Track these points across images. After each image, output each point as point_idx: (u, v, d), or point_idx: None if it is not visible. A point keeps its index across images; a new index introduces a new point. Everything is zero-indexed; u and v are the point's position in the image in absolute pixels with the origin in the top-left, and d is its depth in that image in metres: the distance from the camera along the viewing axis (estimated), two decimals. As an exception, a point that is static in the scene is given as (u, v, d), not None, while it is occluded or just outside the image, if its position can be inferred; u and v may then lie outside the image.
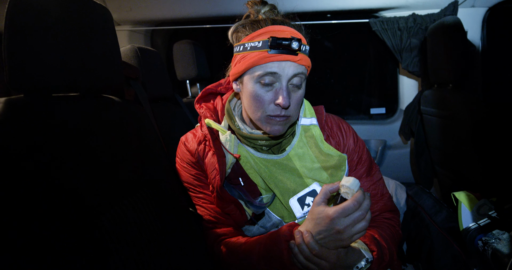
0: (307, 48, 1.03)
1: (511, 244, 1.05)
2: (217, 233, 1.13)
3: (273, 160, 1.13)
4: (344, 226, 0.89)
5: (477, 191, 1.44)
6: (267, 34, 1.01)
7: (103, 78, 0.85)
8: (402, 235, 1.22)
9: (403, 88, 2.51)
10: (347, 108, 3.07)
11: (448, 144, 1.83)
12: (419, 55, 2.19)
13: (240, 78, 1.07)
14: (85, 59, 0.79)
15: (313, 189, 1.14)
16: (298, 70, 1.00)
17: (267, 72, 0.99)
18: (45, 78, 0.72)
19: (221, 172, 1.09)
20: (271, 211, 1.14)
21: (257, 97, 1.03)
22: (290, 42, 0.97)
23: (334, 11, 2.32)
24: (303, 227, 0.97)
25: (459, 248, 1.29)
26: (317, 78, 3.09)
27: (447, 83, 1.72)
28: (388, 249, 1.06)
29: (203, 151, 1.14)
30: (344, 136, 1.22)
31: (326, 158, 1.14)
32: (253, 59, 1.01)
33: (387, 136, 2.60)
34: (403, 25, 2.14)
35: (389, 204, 1.23)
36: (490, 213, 1.23)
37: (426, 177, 2.32)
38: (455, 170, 1.86)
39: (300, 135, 1.15)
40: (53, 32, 0.73)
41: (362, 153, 1.23)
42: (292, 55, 0.98)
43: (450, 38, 1.65)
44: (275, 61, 0.99)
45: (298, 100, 1.04)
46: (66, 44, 0.75)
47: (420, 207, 1.63)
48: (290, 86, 1.02)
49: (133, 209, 0.88)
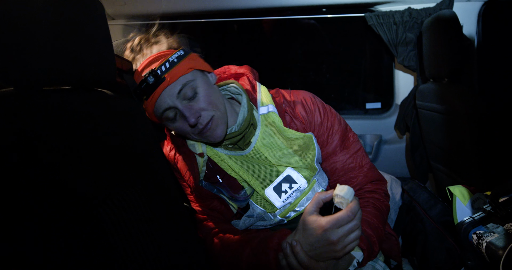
0: (174, 58, 1.03)
1: (506, 237, 1.06)
2: (209, 227, 1.14)
3: (241, 156, 1.13)
4: (338, 237, 0.87)
5: (472, 185, 1.44)
6: (138, 78, 1.05)
7: (95, 72, 0.84)
8: (389, 206, 1.20)
9: (399, 82, 2.51)
10: (342, 103, 3.07)
11: (444, 139, 1.83)
12: (414, 49, 2.19)
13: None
14: (77, 52, 0.78)
15: (287, 174, 1.14)
16: (176, 89, 1.01)
17: (159, 112, 1.04)
18: (35, 71, 0.71)
19: (193, 173, 1.12)
20: (254, 202, 1.15)
21: (176, 131, 1.10)
22: (144, 82, 0.99)
23: (329, 5, 2.31)
24: (291, 237, 0.95)
25: (454, 242, 1.29)
26: (312, 73, 3.09)
27: (442, 77, 1.72)
28: (376, 236, 1.05)
29: (174, 156, 1.18)
30: (308, 112, 1.20)
31: (292, 143, 1.13)
32: (147, 110, 1.06)
33: (382, 131, 2.60)
34: (398, 19, 2.13)
35: (370, 174, 1.21)
36: (485, 207, 1.23)
37: (421, 172, 2.33)
38: (450, 164, 1.87)
39: (261, 125, 1.14)
40: (43, 24, 0.72)
41: (332, 123, 1.20)
42: (161, 85, 1.00)
43: (446, 32, 1.65)
44: (155, 101, 1.02)
45: (204, 101, 1.05)
46: (56, 37, 0.73)
47: (415, 202, 1.64)
48: (185, 102, 1.03)
49: (126, 203, 0.88)
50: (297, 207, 1.15)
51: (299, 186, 1.14)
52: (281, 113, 1.16)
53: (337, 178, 1.20)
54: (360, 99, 3.00)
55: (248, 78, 1.21)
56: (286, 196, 1.13)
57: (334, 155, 1.20)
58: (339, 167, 1.20)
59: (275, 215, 1.15)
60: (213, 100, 1.05)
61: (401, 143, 2.54)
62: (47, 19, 0.72)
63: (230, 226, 1.17)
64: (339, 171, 1.20)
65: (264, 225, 1.17)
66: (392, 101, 2.64)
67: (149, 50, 1.07)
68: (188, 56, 1.06)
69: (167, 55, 1.03)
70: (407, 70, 2.42)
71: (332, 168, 1.20)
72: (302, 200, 1.15)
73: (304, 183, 1.14)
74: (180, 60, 1.03)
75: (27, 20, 0.70)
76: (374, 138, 2.57)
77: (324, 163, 1.22)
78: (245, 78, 1.22)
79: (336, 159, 1.20)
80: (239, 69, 1.26)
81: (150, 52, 1.07)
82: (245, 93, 1.16)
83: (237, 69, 1.26)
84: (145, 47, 1.08)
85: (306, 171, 1.15)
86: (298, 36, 3.05)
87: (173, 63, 1.01)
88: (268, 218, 1.16)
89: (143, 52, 1.08)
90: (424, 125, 2.06)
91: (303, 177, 1.14)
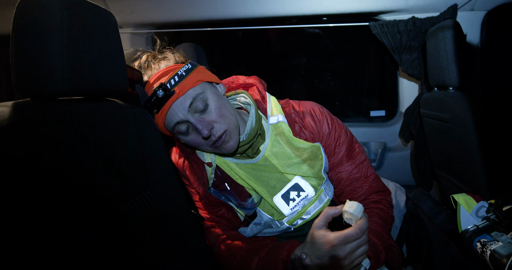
0: (182, 71, 1.05)
1: (510, 245, 1.07)
2: (216, 233, 1.16)
3: (250, 164, 1.15)
4: (346, 253, 0.88)
5: (477, 193, 1.45)
6: (148, 92, 1.06)
7: (108, 82, 0.87)
8: (393, 216, 1.22)
9: (403, 90, 2.53)
10: (347, 110, 3.09)
11: (448, 147, 1.84)
12: (418, 58, 2.21)
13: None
14: (90, 63, 0.81)
15: (295, 183, 1.16)
16: (187, 102, 1.02)
17: (171, 126, 1.05)
18: (51, 81, 0.74)
19: (203, 181, 1.14)
20: (262, 210, 1.16)
21: (189, 144, 1.10)
22: (154, 96, 1.01)
23: (334, 15, 2.34)
24: (300, 249, 0.97)
25: (458, 249, 1.30)
26: (317, 81, 3.11)
27: (447, 86, 1.74)
28: (382, 244, 1.07)
29: (183, 164, 1.19)
30: (317, 123, 1.21)
31: (300, 152, 1.15)
32: (157, 124, 1.06)
33: (387, 139, 2.61)
34: (402, 28, 2.15)
35: (374, 185, 1.22)
36: (489, 215, 1.24)
37: (426, 180, 2.33)
38: (455, 172, 1.87)
39: (271, 134, 1.16)
40: (58, 35, 0.74)
41: (340, 134, 1.22)
42: (170, 98, 1.01)
43: (450, 41, 1.67)
44: (165, 115, 1.03)
45: (216, 113, 1.06)
46: (71, 48, 0.76)
47: (420, 209, 1.65)
48: (197, 115, 1.04)
49: (139, 205, 0.90)
50: (304, 215, 1.17)
51: (307, 194, 1.15)
52: (290, 123, 1.18)
53: (342, 187, 1.22)
54: (365, 107, 3.02)
55: (258, 89, 1.23)
56: (294, 204, 1.15)
57: (340, 165, 1.21)
58: (344, 177, 1.21)
59: (282, 223, 1.16)
60: (224, 112, 1.07)
61: (405, 151, 2.54)
62: (62, 30, 0.74)
63: (237, 233, 1.19)
64: (345, 181, 1.21)
65: (271, 232, 1.19)
66: (397, 109, 2.65)
67: (157, 65, 1.10)
68: (196, 69, 1.08)
69: (175, 69, 1.05)
70: (411, 78, 2.43)
71: (338, 178, 1.22)
72: (309, 208, 1.17)
73: (311, 191, 1.16)
74: (188, 73, 1.05)
75: (43, 32, 0.72)
76: (379, 146, 2.58)
77: (330, 172, 1.23)
78: (255, 89, 1.24)
79: (342, 169, 1.21)
80: (247, 79, 1.27)
81: (158, 67, 1.09)
82: (254, 103, 1.18)
83: (245, 79, 1.28)
84: (152, 63, 1.11)
85: (314, 180, 1.17)
86: (302, 44, 3.08)
87: (182, 76, 1.03)
88: (275, 226, 1.17)
89: (152, 67, 1.10)
90: (429, 133, 2.07)
91: (310, 185, 1.16)
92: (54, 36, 0.73)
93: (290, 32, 3.03)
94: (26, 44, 0.71)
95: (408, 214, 1.71)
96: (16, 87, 0.71)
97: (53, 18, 0.74)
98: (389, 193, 1.26)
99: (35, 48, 0.71)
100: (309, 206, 1.17)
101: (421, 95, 2.21)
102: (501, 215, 1.15)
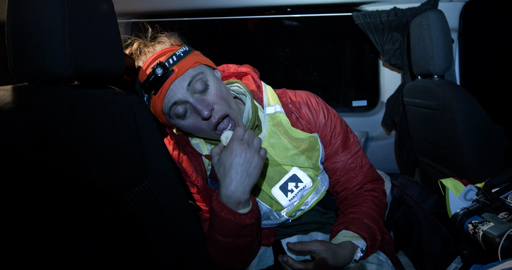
0: (180, 52, 1.03)
1: (501, 225, 1.10)
2: None
3: None
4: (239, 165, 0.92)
5: (462, 178, 1.49)
6: (143, 75, 1.04)
7: (105, 68, 0.84)
8: (387, 203, 1.26)
9: (384, 80, 2.57)
10: (329, 100, 3.11)
11: (432, 134, 1.89)
12: (401, 48, 2.25)
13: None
14: (88, 49, 0.77)
15: (293, 173, 1.15)
16: (186, 81, 1.00)
17: (168, 106, 1.02)
18: (48, 66, 0.70)
19: (201, 173, 1.11)
20: (260, 200, 1.15)
21: (189, 129, 1.06)
22: (153, 74, 0.98)
23: (316, 5, 2.34)
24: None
25: (448, 232, 1.33)
26: (300, 72, 3.11)
27: (432, 74, 1.78)
28: (378, 228, 1.09)
29: (178, 156, 1.17)
30: (313, 113, 1.22)
31: (298, 143, 1.15)
32: (155, 107, 1.04)
33: (369, 128, 2.65)
34: (385, 18, 2.18)
35: (369, 174, 1.25)
36: (478, 198, 1.28)
37: (408, 167, 2.39)
38: (438, 158, 1.93)
39: (268, 125, 1.15)
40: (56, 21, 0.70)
41: (335, 125, 1.23)
42: (170, 77, 0.99)
43: (435, 30, 1.70)
44: (164, 95, 1.00)
45: (216, 95, 1.04)
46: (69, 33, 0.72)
47: (407, 195, 1.68)
48: (197, 95, 1.02)
49: (139, 195, 0.88)
50: (302, 206, 1.17)
51: (304, 185, 1.15)
52: (287, 113, 1.18)
53: (338, 177, 1.23)
54: (347, 97, 3.05)
55: (252, 78, 1.21)
56: (292, 195, 1.14)
57: (336, 155, 1.22)
58: (340, 167, 1.22)
59: (280, 214, 1.15)
60: (224, 95, 1.05)
61: (387, 140, 2.59)
62: (60, 16, 0.71)
63: None
64: (340, 170, 1.22)
65: (270, 224, 1.17)
66: (378, 98, 2.69)
67: (151, 48, 1.06)
68: (193, 52, 1.06)
69: (173, 50, 1.03)
70: (392, 68, 2.47)
71: (333, 168, 1.23)
72: (307, 199, 1.17)
73: (309, 182, 1.16)
74: (186, 55, 1.03)
75: (41, 18, 0.69)
76: (361, 135, 2.61)
77: (326, 162, 1.24)
78: (250, 78, 1.22)
79: (337, 159, 1.22)
80: (239, 67, 1.25)
81: (153, 50, 1.06)
82: (249, 93, 1.16)
83: (237, 67, 1.26)
84: (146, 48, 1.08)
85: (311, 170, 1.17)
86: (284, 35, 3.07)
87: (180, 57, 1.01)
88: (273, 217, 1.16)
89: (146, 52, 1.07)
90: (412, 121, 2.12)
91: (308, 176, 1.16)
92: (52, 21, 0.70)
93: (270, 23, 3.01)
94: (23, 28, 0.67)
95: (394, 201, 1.74)
96: (13, 70, 0.67)
97: (51, 2, 0.70)
98: (383, 181, 1.28)
99: (32, 32, 0.67)
100: (307, 197, 1.17)
101: (403, 84, 2.25)
102: (491, 196, 1.19)
